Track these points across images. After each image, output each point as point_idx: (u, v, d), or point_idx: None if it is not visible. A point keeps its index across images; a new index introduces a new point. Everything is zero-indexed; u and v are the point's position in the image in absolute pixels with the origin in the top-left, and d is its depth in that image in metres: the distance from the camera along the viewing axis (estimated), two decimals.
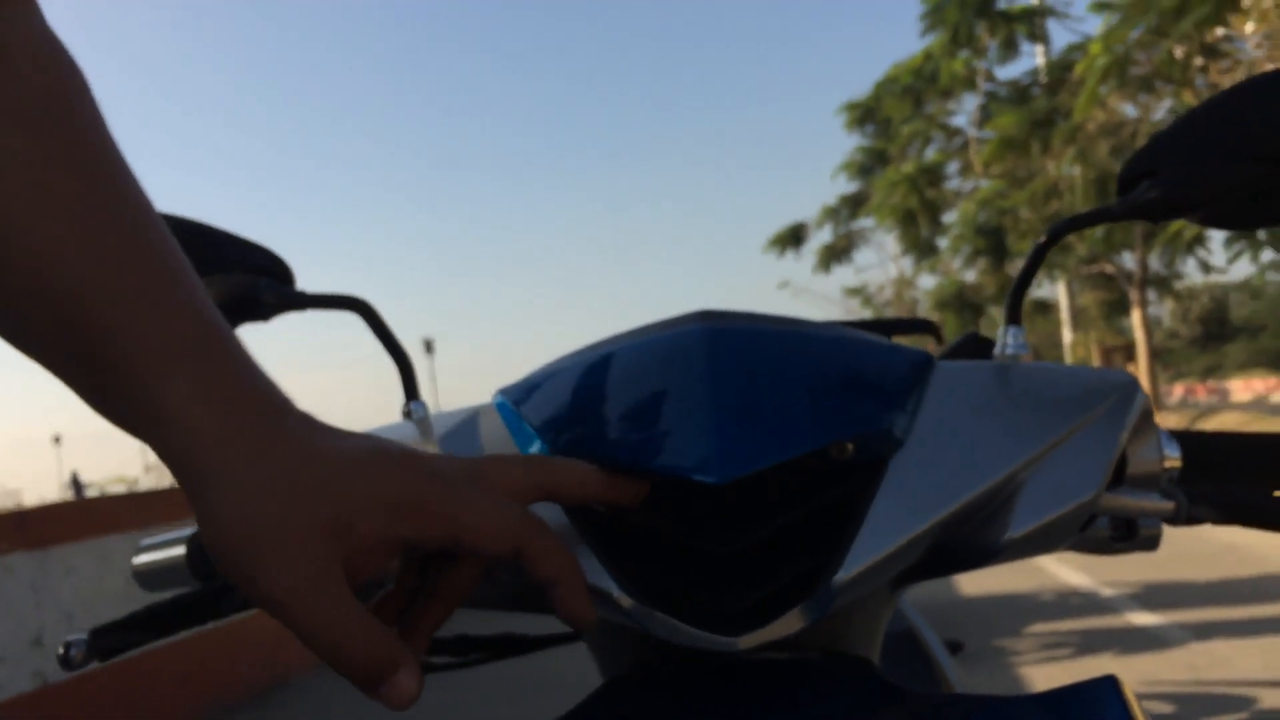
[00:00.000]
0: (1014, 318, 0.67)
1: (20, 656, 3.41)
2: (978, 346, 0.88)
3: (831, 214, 26.62)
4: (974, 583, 5.54)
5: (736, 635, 0.49)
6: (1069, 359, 21.08)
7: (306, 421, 0.47)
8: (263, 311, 0.80)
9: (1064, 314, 23.17)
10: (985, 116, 19.93)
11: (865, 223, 26.27)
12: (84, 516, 4.03)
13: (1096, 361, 23.09)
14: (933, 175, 21.57)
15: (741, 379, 0.53)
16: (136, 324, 0.44)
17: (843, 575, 0.49)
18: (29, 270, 0.44)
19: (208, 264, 0.77)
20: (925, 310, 25.88)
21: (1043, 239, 0.68)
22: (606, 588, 0.51)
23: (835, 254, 26.96)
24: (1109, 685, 0.48)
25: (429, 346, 34.23)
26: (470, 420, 0.64)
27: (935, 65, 20.45)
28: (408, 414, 0.78)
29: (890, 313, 30.37)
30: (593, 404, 0.55)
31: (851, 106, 24.12)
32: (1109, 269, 18.89)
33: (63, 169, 0.45)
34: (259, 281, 0.79)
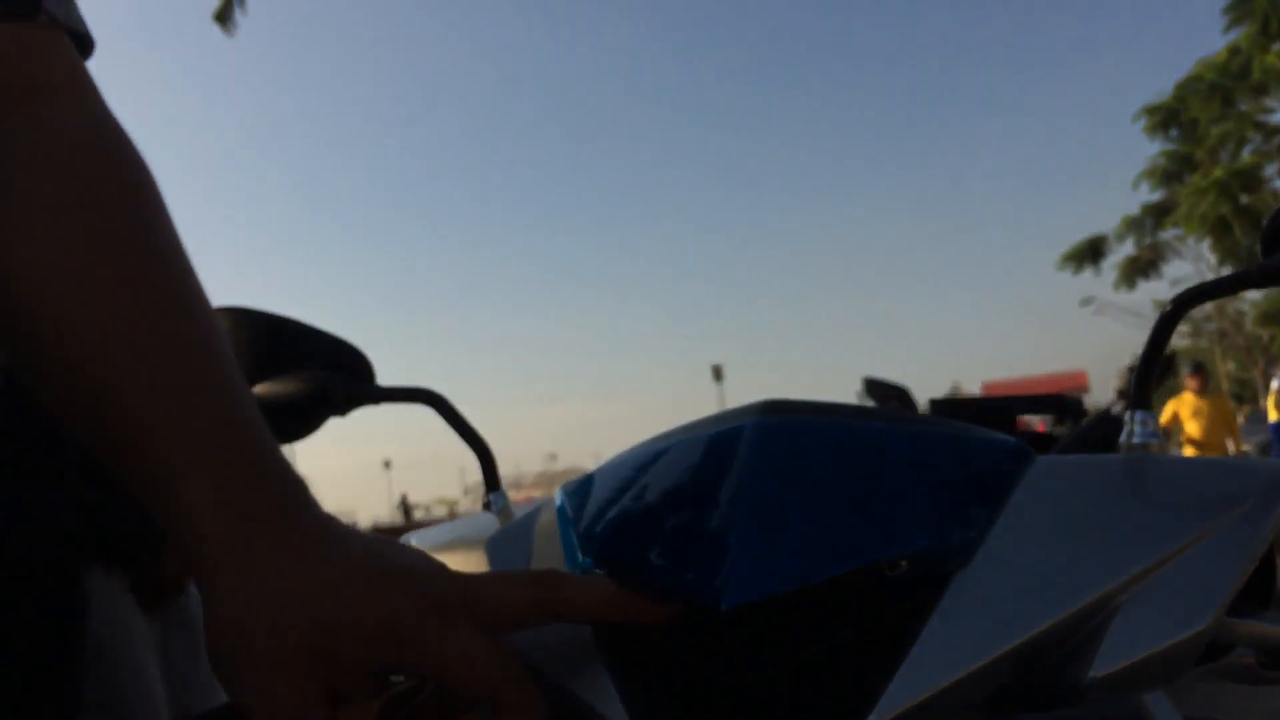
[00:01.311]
0: (1142, 400, 0.57)
1: None
2: (1109, 427, 0.77)
3: (1134, 225, 24.63)
4: None
5: None
6: None
7: (318, 530, 0.47)
8: (339, 407, 0.81)
9: None
10: None
11: (1174, 233, 24.27)
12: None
13: None
14: (1248, 179, 19.67)
15: (781, 484, 0.48)
16: (167, 424, 0.45)
17: (877, 717, 0.42)
18: (72, 357, 0.46)
19: (286, 360, 0.80)
20: (1250, 325, 23.50)
21: (1168, 309, 0.59)
22: (612, 713, 0.47)
23: (1140, 268, 24.85)
24: None
25: (718, 373, 34.73)
26: (526, 521, 0.62)
27: (1245, 60, 18.72)
28: (487, 505, 0.80)
29: (1211, 329, 27.82)
30: (629, 510, 0.52)
31: (1152, 110, 22.35)
32: None
33: (113, 260, 0.47)
34: (335, 377, 0.81)
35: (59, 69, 0.52)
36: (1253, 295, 24.01)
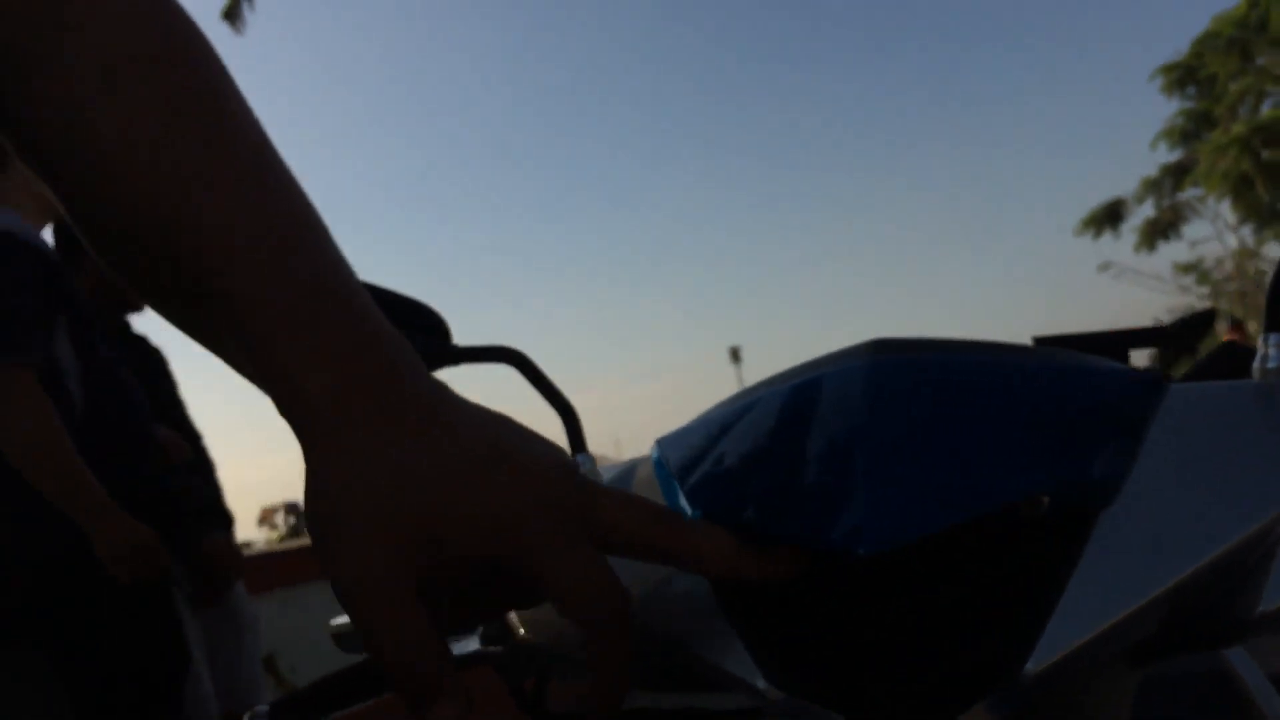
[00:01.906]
0: (1275, 323, 0.53)
1: None
2: (1235, 360, 0.73)
3: (1153, 186, 24.38)
4: None
5: None
6: None
7: (433, 401, 0.44)
8: None
9: None
10: None
11: (1193, 193, 24.03)
12: None
13: None
14: (1270, 134, 19.41)
15: (907, 424, 0.45)
16: (255, 282, 0.43)
17: (1034, 664, 0.40)
18: (154, 221, 0.44)
19: None
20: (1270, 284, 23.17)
21: None
22: (750, 677, 0.45)
23: (1160, 229, 24.69)
24: None
25: (735, 355, 34.71)
26: (623, 477, 0.60)
27: (1263, 13, 18.46)
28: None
29: (1232, 289, 27.59)
30: (739, 459, 0.50)
31: (1168, 69, 22.14)
32: None
33: (190, 125, 0.45)
34: (414, 338, 0.77)
35: None
36: (1274, 253, 23.80)
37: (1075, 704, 0.47)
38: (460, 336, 0.83)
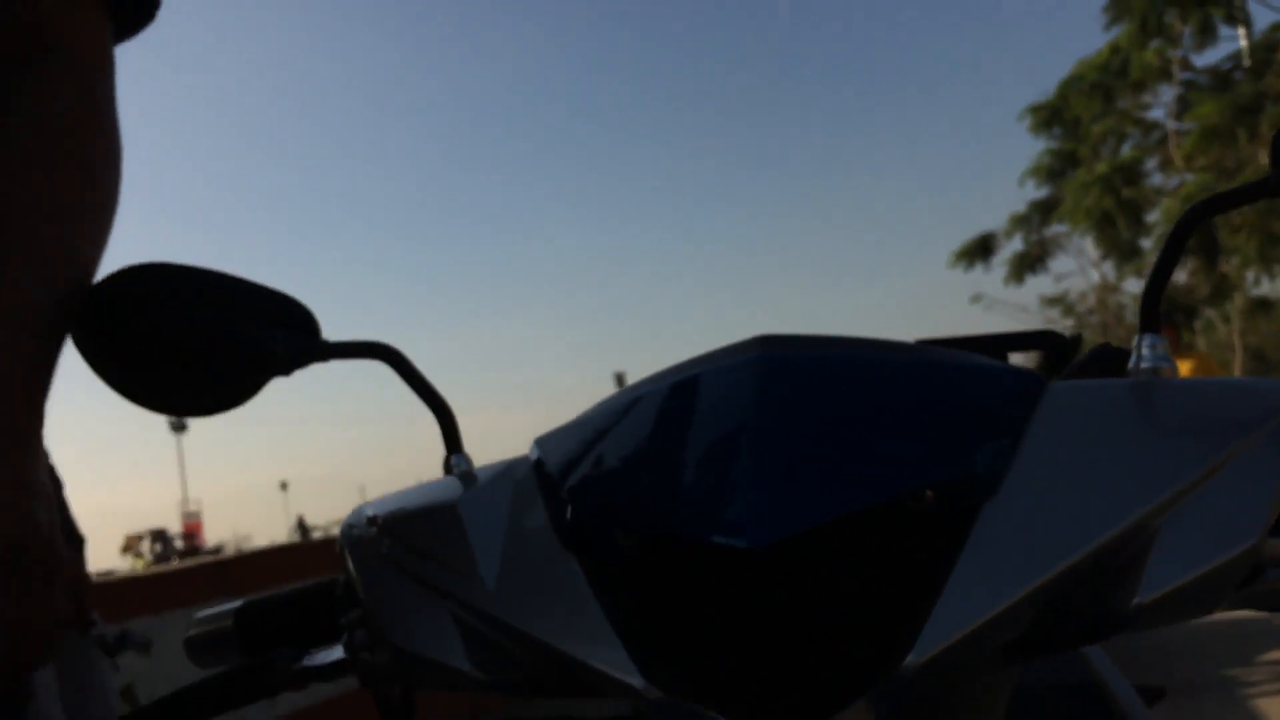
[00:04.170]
0: (1150, 324, 0.55)
1: None
2: (1111, 360, 0.75)
3: (1021, 221, 25.45)
4: None
5: None
6: None
7: None
8: (280, 365, 0.75)
9: None
10: (1184, 108, 18.81)
11: (1060, 228, 25.11)
12: (300, 561, 4.21)
13: None
14: (1129, 174, 20.46)
15: (795, 420, 0.46)
16: None
17: (916, 657, 0.41)
18: None
19: (224, 316, 0.74)
20: (1131, 317, 24.44)
21: (1182, 219, 0.56)
22: (628, 677, 0.44)
23: (1028, 263, 25.74)
24: None
25: (620, 381, 34.76)
26: (500, 479, 0.59)
27: (1124, 59, 19.44)
28: (449, 468, 0.73)
29: (1094, 321, 28.88)
30: (621, 457, 0.49)
31: (1036, 109, 23.09)
32: None
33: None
34: (277, 334, 0.75)
35: (84, 37, 0.72)
36: (1132, 288, 25.05)
37: (955, 696, 0.48)
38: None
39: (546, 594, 0.49)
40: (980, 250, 26.07)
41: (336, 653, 0.65)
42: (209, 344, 0.73)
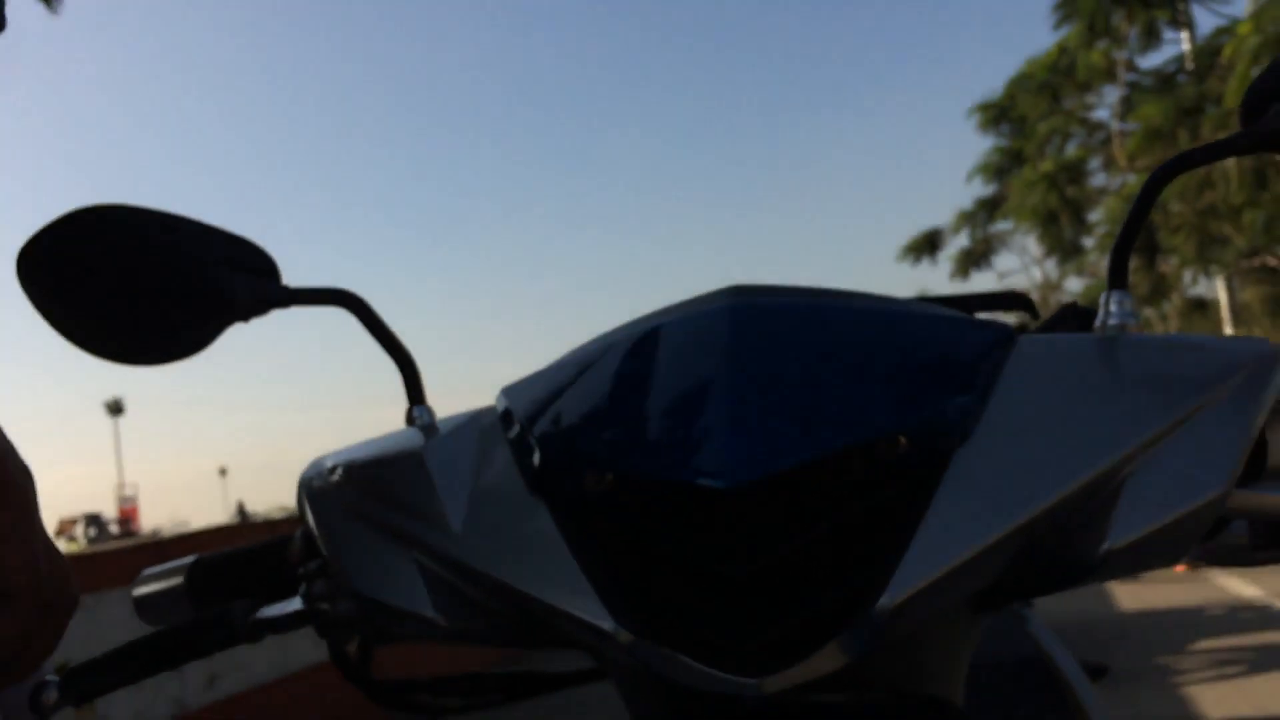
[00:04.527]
0: (1118, 281, 0.56)
1: (160, 682, 3.51)
2: (1078, 319, 0.75)
3: (968, 218, 25.80)
4: (1130, 596, 5.22)
5: (759, 676, 0.42)
6: None
7: None
8: (239, 311, 0.72)
9: (1224, 312, 21.94)
10: (1128, 108, 19.14)
11: (1005, 226, 25.47)
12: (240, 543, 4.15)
13: None
14: (1074, 172, 20.81)
15: (769, 365, 0.46)
16: None
17: (889, 600, 0.41)
18: None
19: (180, 259, 0.71)
20: None
21: (1152, 178, 0.55)
22: (600, 622, 0.43)
23: (973, 259, 26.17)
24: None
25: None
26: (465, 428, 0.58)
27: (1071, 59, 19.73)
28: (411, 419, 0.71)
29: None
30: (594, 402, 0.49)
31: (984, 107, 23.43)
32: (1271, 261, 17.83)
33: None
34: (235, 278, 0.72)
35: None
36: (1073, 287, 25.47)
37: (926, 641, 0.48)
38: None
39: (514, 540, 0.48)
40: (927, 245, 26.41)
41: (294, 604, 0.63)
42: (164, 287, 0.70)
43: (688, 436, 0.44)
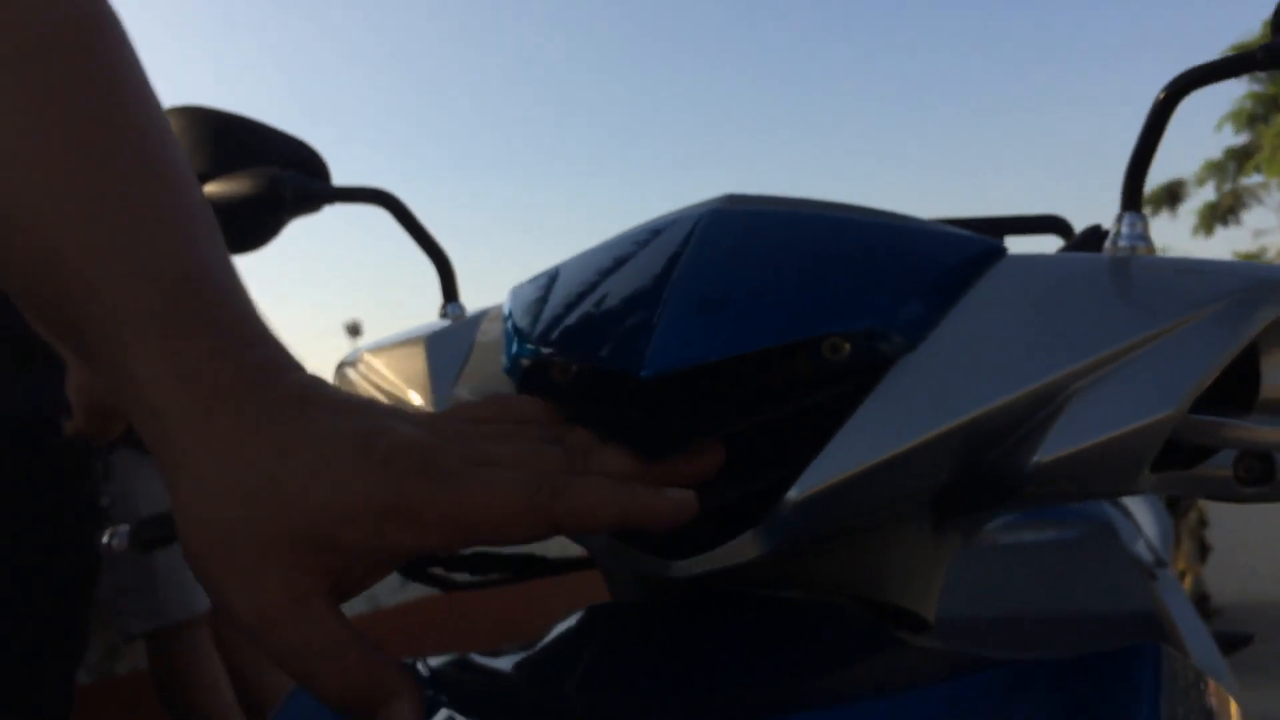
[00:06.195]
0: (1131, 202, 0.53)
1: None
2: (1097, 241, 0.72)
3: (1215, 169, 23.78)
4: None
5: (678, 559, 0.44)
6: None
7: (298, 399, 0.39)
8: (285, 207, 0.77)
9: None
10: None
11: (1257, 178, 23.37)
12: None
13: None
14: None
15: (724, 267, 0.46)
16: (108, 282, 0.39)
17: (796, 493, 0.41)
18: (23, 227, 0.40)
19: (235, 157, 0.77)
20: None
21: (1162, 95, 0.53)
22: None
23: (1219, 214, 24.02)
24: (1148, 652, 0.38)
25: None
26: (472, 321, 0.62)
27: None
28: (444, 316, 0.75)
29: None
30: (571, 299, 0.50)
31: (1239, 49, 21.43)
32: None
33: (57, 111, 0.41)
34: (282, 175, 0.76)
35: None
36: None
37: (879, 552, 0.49)
38: None
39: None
40: (1167, 198, 24.19)
41: None
42: (229, 183, 0.76)
43: (628, 327, 0.45)
